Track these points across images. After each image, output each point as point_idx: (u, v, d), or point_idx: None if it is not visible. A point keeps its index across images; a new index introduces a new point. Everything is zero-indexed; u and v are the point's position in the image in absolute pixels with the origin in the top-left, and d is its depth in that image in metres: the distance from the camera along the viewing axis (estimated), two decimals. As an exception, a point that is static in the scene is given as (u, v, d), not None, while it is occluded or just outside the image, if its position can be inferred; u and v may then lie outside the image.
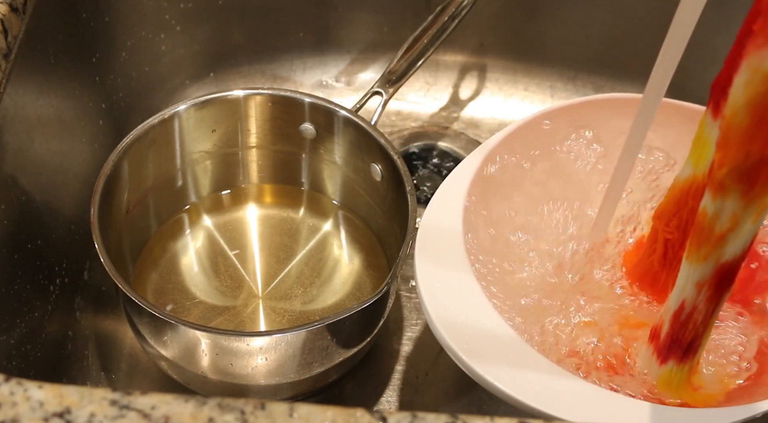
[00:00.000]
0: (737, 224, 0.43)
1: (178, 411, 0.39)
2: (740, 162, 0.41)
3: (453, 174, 0.59)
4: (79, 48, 0.68)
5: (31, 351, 0.58)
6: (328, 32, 0.82)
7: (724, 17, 0.74)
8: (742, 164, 0.41)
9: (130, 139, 0.64)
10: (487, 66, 0.83)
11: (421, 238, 0.55)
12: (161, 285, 0.67)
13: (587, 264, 0.59)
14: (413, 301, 0.69)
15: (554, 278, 0.59)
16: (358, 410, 0.39)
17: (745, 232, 0.44)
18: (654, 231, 0.56)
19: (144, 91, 0.77)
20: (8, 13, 0.57)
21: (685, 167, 0.51)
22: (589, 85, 0.82)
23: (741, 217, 0.43)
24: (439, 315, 0.51)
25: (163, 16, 0.77)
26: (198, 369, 0.59)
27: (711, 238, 0.45)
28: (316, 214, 0.72)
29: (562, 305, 0.57)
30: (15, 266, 0.57)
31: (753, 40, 0.38)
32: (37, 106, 0.61)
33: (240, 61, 0.82)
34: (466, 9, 0.69)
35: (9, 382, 0.40)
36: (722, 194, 0.43)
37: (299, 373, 0.59)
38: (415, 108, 0.83)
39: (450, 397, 0.65)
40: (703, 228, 0.45)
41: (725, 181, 0.42)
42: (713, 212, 0.44)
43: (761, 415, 0.48)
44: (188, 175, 0.70)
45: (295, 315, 0.66)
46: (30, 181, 0.60)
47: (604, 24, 0.79)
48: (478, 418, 0.40)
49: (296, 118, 0.68)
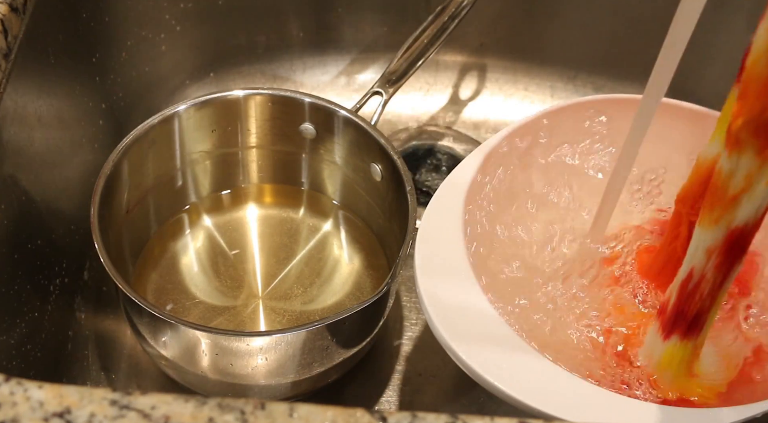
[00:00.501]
0: (751, 185, 0.43)
1: (178, 411, 0.39)
2: (757, 114, 0.40)
3: (453, 174, 0.59)
4: (79, 48, 0.68)
5: (31, 351, 0.58)
6: (328, 32, 0.82)
7: (724, 17, 0.74)
8: (759, 116, 0.40)
9: (130, 139, 0.64)
10: (487, 66, 0.83)
11: (421, 238, 0.55)
12: (161, 285, 0.67)
13: (587, 264, 0.59)
14: (413, 301, 0.69)
15: (555, 277, 0.59)
16: (358, 410, 0.39)
17: (759, 195, 0.43)
18: (677, 215, 0.55)
19: (144, 91, 0.77)
20: (8, 13, 0.57)
21: (710, 146, 0.50)
22: (589, 85, 0.82)
23: (755, 178, 0.42)
24: (439, 315, 0.51)
25: (163, 16, 0.77)
26: (198, 369, 0.59)
27: (724, 199, 0.44)
28: (316, 214, 0.72)
29: (562, 305, 0.57)
30: (15, 266, 0.57)
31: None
32: (37, 106, 0.61)
33: (240, 61, 0.82)
34: (466, 9, 0.69)
35: (9, 382, 0.40)
36: (738, 150, 0.42)
37: (299, 373, 0.59)
38: (416, 108, 0.83)
39: (450, 397, 0.65)
40: (717, 188, 0.44)
41: (741, 134, 0.41)
42: (728, 171, 0.43)
43: (761, 415, 0.48)
44: (188, 175, 0.70)
45: (295, 315, 0.66)
46: (30, 180, 0.60)
47: (604, 24, 0.79)
48: (478, 418, 0.40)
49: (296, 118, 0.68)
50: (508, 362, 0.50)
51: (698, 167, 0.52)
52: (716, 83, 0.77)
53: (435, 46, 0.69)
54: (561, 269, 0.59)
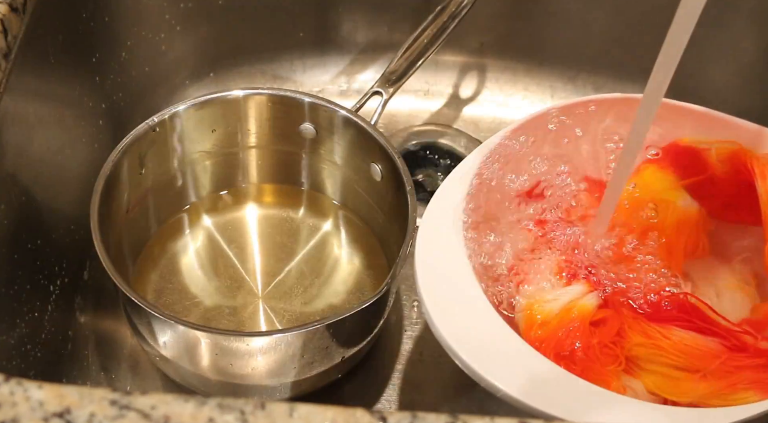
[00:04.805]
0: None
1: (178, 411, 0.39)
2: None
3: (453, 173, 0.59)
4: (79, 48, 0.68)
5: (31, 351, 0.58)
6: (328, 32, 0.82)
7: (724, 17, 0.74)
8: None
9: (130, 139, 0.64)
10: (487, 66, 0.83)
11: (421, 238, 0.55)
12: (161, 285, 0.67)
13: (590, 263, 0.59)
14: (413, 301, 0.69)
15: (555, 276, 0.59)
16: (358, 410, 0.39)
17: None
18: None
19: (144, 91, 0.77)
20: (8, 13, 0.57)
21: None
22: (589, 85, 0.82)
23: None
24: (439, 315, 0.52)
25: (163, 16, 0.77)
26: (198, 369, 0.59)
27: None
28: (316, 214, 0.72)
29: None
30: (15, 266, 0.57)
31: None
32: (37, 106, 0.61)
33: (240, 61, 0.82)
34: (466, 9, 0.69)
35: (9, 382, 0.40)
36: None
37: (299, 373, 0.59)
38: (415, 108, 0.83)
39: (450, 397, 0.65)
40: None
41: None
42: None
43: (761, 415, 0.48)
44: (188, 175, 0.70)
45: (295, 315, 0.66)
46: (30, 180, 0.60)
47: (604, 24, 0.79)
48: (478, 418, 0.40)
49: (296, 118, 0.68)
50: (508, 362, 0.50)
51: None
52: (716, 83, 0.77)
53: (435, 46, 0.69)
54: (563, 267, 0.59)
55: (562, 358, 0.54)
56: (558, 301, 0.56)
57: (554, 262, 0.59)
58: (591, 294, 0.57)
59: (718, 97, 0.75)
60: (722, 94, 0.76)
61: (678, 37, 0.48)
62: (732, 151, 0.60)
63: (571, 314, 0.55)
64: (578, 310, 0.55)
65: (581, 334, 0.55)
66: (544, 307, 0.56)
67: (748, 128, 0.61)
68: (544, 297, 0.57)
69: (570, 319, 0.55)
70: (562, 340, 0.54)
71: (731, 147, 0.60)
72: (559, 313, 0.55)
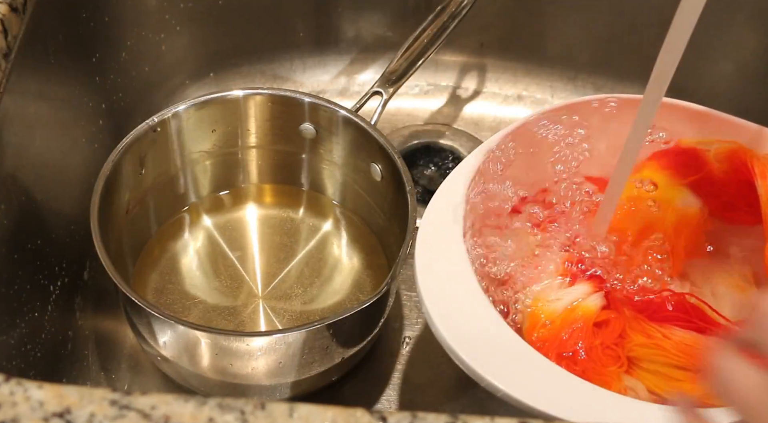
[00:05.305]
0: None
1: (178, 411, 0.39)
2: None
3: (453, 173, 0.59)
4: (79, 48, 0.68)
5: (31, 351, 0.58)
6: (328, 32, 0.82)
7: (724, 17, 0.74)
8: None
9: (130, 139, 0.64)
10: (487, 66, 0.83)
11: (421, 238, 0.55)
12: (161, 285, 0.67)
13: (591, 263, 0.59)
14: (413, 301, 0.69)
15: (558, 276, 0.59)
16: (358, 410, 0.39)
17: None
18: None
19: (144, 91, 0.77)
20: (8, 13, 0.57)
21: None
22: (589, 85, 0.82)
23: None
24: (439, 315, 0.51)
25: (163, 16, 0.77)
26: (198, 369, 0.59)
27: None
28: (316, 214, 0.72)
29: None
30: (15, 266, 0.57)
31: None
32: (37, 106, 0.61)
33: (240, 61, 0.82)
34: (466, 8, 0.69)
35: (9, 382, 0.40)
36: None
37: (299, 373, 0.59)
38: (416, 107, 0.83)
39: (450, 397, 0.65)
40: None
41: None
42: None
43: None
44: (188, 175, 0.70)
45: (295, 315, 0.66)
46: (30, 180, 0.60)
47: (604, 24, 0.79)
48: (478, 418, 0.40)
49: (296, 118, 0.68)
50: (508, 362, 0.50)
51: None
52: (716, 83, 0.77)
53: (435, 46, 0.69)
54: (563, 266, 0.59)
55: (563, 359, 0.54)
56: (562, 300, 0.56)
57: (556, 262, 0.59)
58: (595, 295, 0.57)
59: (718, 97, 0.75)
60: (722, 94, 0.76)
61: (678, 37, 0.48)
62: (732, 151, 0.60)
63: (575, 314, 0.55)
64: (582, 310, 0.55)
65: (585, 334, 0.55)
66: (548, 306, 0.56)
67: (748, 128, 0.61)
68: (548, 296, 0.57)
69: (574, 320, 0.55)
70: (566, 340, 0.54)
71: (731, 147, 0.60)
72: (563, 313, 0.55)
